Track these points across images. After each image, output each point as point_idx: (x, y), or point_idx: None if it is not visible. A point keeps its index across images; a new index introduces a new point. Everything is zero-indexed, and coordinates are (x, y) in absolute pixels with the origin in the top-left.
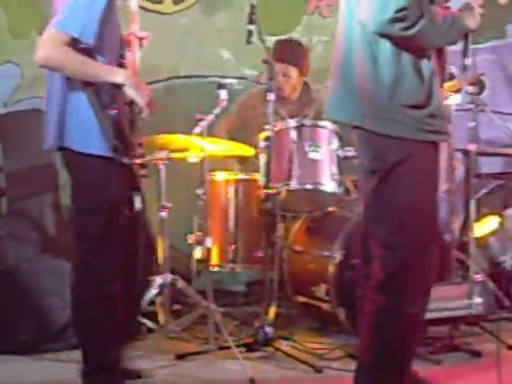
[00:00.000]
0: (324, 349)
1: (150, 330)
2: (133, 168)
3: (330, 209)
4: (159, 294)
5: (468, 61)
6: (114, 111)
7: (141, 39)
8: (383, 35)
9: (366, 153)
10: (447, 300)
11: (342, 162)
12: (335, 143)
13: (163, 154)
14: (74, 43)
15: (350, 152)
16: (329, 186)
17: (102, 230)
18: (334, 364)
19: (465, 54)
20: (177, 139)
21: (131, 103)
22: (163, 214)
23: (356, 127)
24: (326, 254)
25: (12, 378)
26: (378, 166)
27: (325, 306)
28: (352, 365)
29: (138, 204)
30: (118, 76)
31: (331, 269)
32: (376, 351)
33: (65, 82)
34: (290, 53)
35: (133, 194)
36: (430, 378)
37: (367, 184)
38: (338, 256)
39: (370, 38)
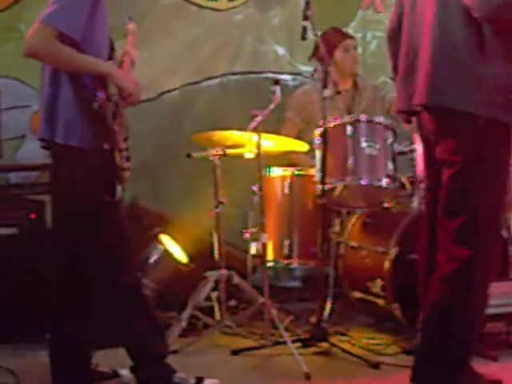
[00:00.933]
0: (380, 344)
1: (205, 326)
2: (115, 158)
3: (386, 204)
4: (215, 289)
5: None
6: (96, 104)
7: (132, 62)
8: (492, 20)
9: (445, 142)
10: (504, 296)
11: (398, 158)
12: (390, 138)
13: (219, 151)
14: (61, 37)
15: (406, 147)
16: (384, 181)
17: (94, 219)
18: (390, 359)
19: None
20: (232, 135)
21: (117, 95)
22: (219, 209)
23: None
24: (382, 249)
25: None
26: (460, 156)
27: (380, 301)
28: (408, 360)
29: (119, 194)
30: (103, 66)
31: (387, 265)
32: (440, 342)
33: (53, 76)
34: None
35: (116, 183)
36: (487, 374)
37: (442, 174)
38: (393, 252)
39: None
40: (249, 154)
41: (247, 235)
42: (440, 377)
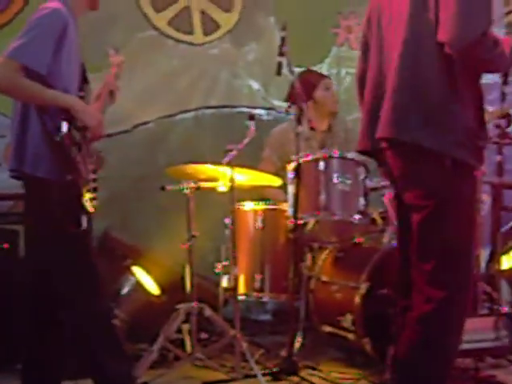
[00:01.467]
0: (350, 379)
1: (176, 358)
2: (80, 189)
3: (357, 240)
4: (186, 321)
5: (508, 89)
6: (59, 135)
7: (111, 93)
8: (466, 56)
9: (412, 185)
10: (474, 332)
11: (370, 193)
12: (362, 174)
13: (192, 184)
14: (27, 71)
15: (377, 183)
16: (356, 217)
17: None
18: None
19: (505, 82)
20: (206, 169)
21: (82, 128)
22: (191, 242)
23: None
24: (353, 284)
25: None
26: (428, 200)
27: (350, 336)
28: None
29: (84, 224)
30: (66, 100)
31: (357, 299)
32: (413, 379)
33: (23, 108)
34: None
35: (80, 213)
36: None
37: (413, 218)
38: (364, 287)
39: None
40: (222, 187)
41: (219, 268)
42: None
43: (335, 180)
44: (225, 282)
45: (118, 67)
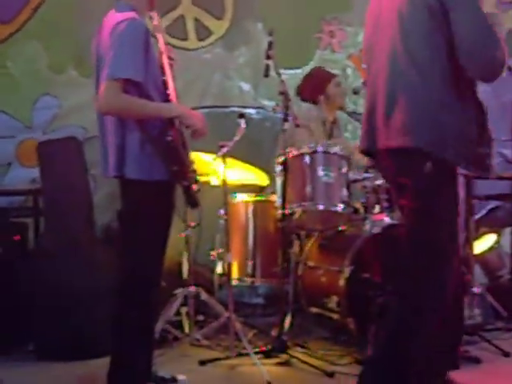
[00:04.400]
0: (335, 355)
1: (175, 338)
2: (190, 186)
3: (341, 228)
4: (184, 304)
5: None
6: (169, 138)
7: (170, 59)
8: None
9: (403, 187)
10: None
11: (352, 185)
12: (345, 167)
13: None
14: (128, 84)
15: (359, 175)
16: (339, 206)
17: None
18: (344, 369)
19: None
20: (200, 164)
21: (180, 128)
22: (188, 232)
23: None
24: (337, 268)
25: None
26: (418, 201)
27: (335, 316)
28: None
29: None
30: (172, 111)
31: (341, 282)
32: (391, 351)
33: (117, 125)
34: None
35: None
36: None
37: (404, 215)
38: (347, 270)
39: None
40: (215, 181)
41: (214, 255)
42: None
43: (320, 173)
44: (219, 268)
45: (160, 32)
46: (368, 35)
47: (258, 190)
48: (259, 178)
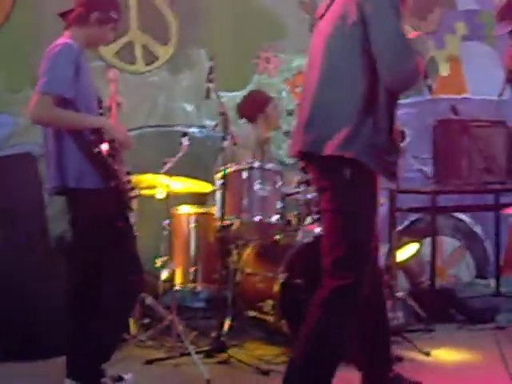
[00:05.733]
0: (270, 355)
1: (123, 340)
2: (123, 191)
3: (275, 237)
4: None
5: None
6: (96, 149)
7: (118, 104)
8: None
9: (324, 188)
10: None
11: (286, 198)
12: (279, 182)
13: (135, 192)
14: (59, 99)
15: (292, 190)
16: (274, 218)
17: (104, 244)
18: (279, 368)
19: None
20: (145, 179)
21: (112, 141)
22: None
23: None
24: (272, 275)
25: None
26: (336, 203)
27: (271, 318)
28: None
29: (131, 219)
30: (96, 122)
31: (276, 288)
32: (312, 354)
33: (55, 133)
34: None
35: (126, 211)
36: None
37: (323, 215)
38: (281, 277)
39: None
40: (160, 195)
41: (159, 263)
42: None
43: (256, 187)
44: (164, 275)
45: (116, 82)
46: (308, 62)
47: (202, 196)
48: (202, 186)
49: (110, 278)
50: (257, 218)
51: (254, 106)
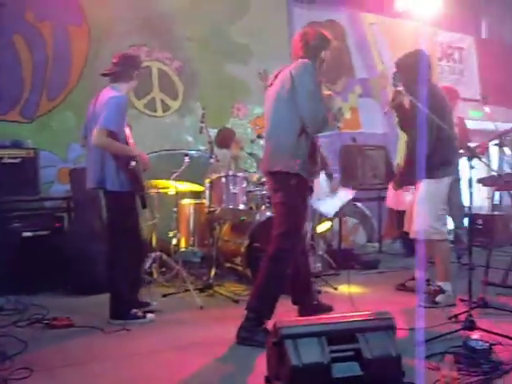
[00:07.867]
0: (239, 290)
1: (149, 282)
2: (144, 194)
3: (243, 218)
4: (154, 262)
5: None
6: (131, 166)
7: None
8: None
9: (273, 191)
10: None
11: (249, 194)
12: (245, 183)
13: (155, 190)
14: (111, 132)
15: (253, 188)
16: (241, 206)
17: (130, 228)
18: (245, 298)
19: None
20: (162, 183)
21: (137, 161)
22: (155, 221)
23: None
24: (240, 241)
25: None
26: (280, 199)
27: (240, 268)
28: None
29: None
30: (133, 151)
31: (243, 249)
32: (263, 288)
33: (100, 151)
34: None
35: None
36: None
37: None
38: (246, 242)
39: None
40: (171, 192)
41: (171, 234)
42: (262, 302)
43: (231, 187)
44: (174, 241)
45: (130, 129)
46: (264, 113)
47: (197, 193)
48: (197, 187)
49: (131, 244)
50: (231, 206)
51: (227, 138)
